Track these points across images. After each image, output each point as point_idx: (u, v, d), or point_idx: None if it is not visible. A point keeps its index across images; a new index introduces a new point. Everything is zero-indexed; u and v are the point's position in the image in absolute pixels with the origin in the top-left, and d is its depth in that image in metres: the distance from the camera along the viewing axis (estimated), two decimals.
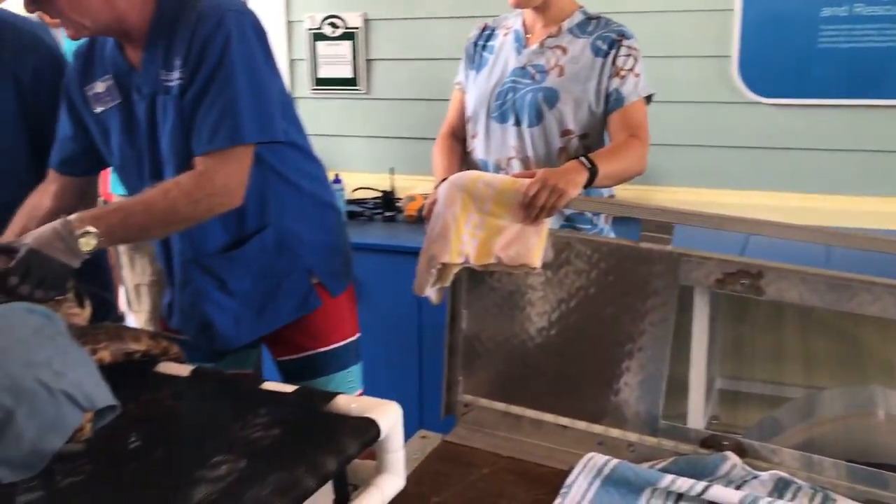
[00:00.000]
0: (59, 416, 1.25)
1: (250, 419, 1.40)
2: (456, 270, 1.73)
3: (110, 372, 1.43)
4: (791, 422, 1.72)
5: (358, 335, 2.01)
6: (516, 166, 2.13)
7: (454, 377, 1.83)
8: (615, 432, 1.68)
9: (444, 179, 1.83)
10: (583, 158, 1.84)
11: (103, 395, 1.33)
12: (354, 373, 1.99)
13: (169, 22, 1.67)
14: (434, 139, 2.28)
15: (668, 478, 1.42)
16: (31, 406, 1.24)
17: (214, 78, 1.60)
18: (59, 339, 1.38)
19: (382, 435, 1.36)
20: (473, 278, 1.79)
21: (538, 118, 2.09)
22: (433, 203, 1.83)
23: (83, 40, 1.80)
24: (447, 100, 2.31)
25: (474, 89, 2.20)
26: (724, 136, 2.95)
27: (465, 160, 2.27)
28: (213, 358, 1.91)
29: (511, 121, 2.12)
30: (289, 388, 1.51)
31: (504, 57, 2.16)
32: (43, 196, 1.85)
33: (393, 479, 1.40)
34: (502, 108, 2.13)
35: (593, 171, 1.82)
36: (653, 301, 1.64)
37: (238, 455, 1.26)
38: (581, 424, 1.71)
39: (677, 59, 2.91)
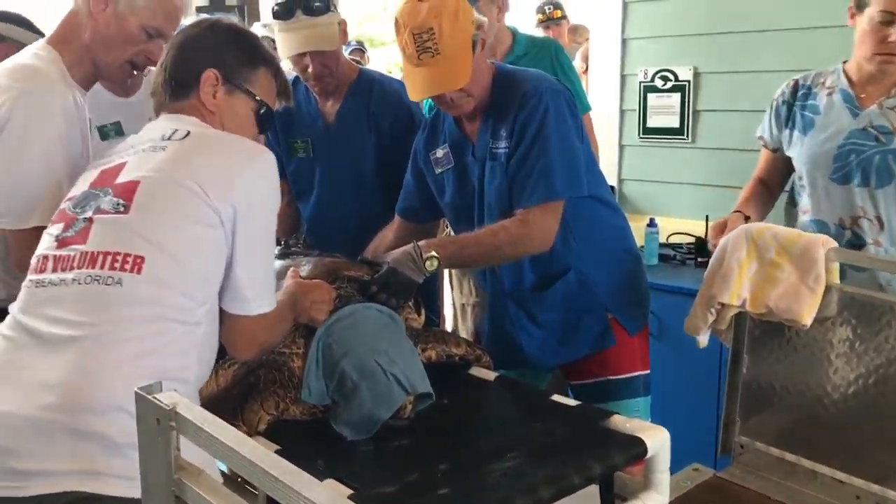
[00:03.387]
0: (389, 394, 1.60)
1: (538, 424, 1.65)
2: (733, 313, 1.84)
3: (433, 368, 1.77)
4: None
5: (647, 371, 2.18)
6: (867, 226, 2.15)
7: (732, 417, 1.92)
8: (893, 494, 1.67)
9: (737, 211, 1.96)
10: None
11: (423, 384, 1.66)
12: (642, 405, 2.15)
13: (498, 100, 2.01)
14: None
15: None
16: (371, 382, 1.60)
17: (534, 145, 1.93)
18: (397, 334, 1.75)
19: (649, 454, 1.53)
20: (762, 324, 1.87)
21: (889, 178, 2.10)
22: (720, 229, 1.96)
23: (428, 116, 2.21)
24: None
25: (802, 150, 2.23)
26: None
27: (768, 203, 2.33)
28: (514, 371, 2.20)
29: (856, 181, 2.14)
30: (573, 402, 1.75)
31: (836, 117, 2.18)
32: (388, 231, 2.30)
33: (656, 497, 1.56)
34: (844, 169, 2.15)
35: None
36: None
37: (521, 454, 1.50)
38: (859, 482, 1.72)
39: None
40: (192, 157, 1.43)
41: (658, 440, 1.54)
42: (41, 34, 2.23)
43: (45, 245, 1.45)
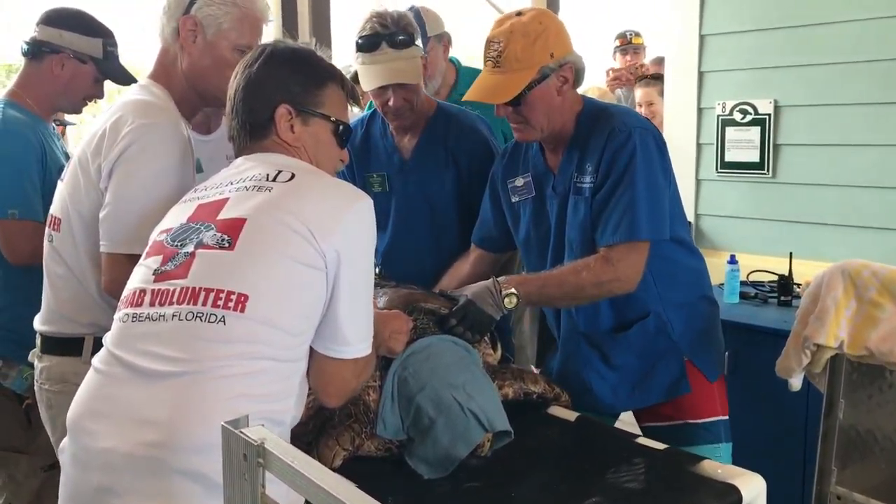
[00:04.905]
0: (467, 430, 1.55)
1: (623, 467, 1.57)
2: (829, 356, 1.74)
3: (510, 406, 1.71)
4: None
5: (727, 417, 2.08)
6: None
7: (827, 466, 1.82)
8: None
9: None
10: None
11: (502, 421, 1.61)
12: (723, 451, 2.04)
13: (585, 134, 1.97)
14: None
15: None
16: (448, 418, 1.55)
17: (620, 183, 1.88)
18: (473, 368, 1.70)
19: (744, 503, 1.44)
20: (860, 367, 1.77)
21: None
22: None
23: (509, 143, 2.18)
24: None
25: None
26: None
27: None
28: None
29: None
30: (660, 445, 1.67)
31: None
32: (464, 263, 2.26)
33: None
34: None
35: None
36: None
37: (607, 499, 1.43)
38: None
39: None
40: (298, 200, 1.41)
41: (754, 488, 1.46)
42: (101, 32, 2.31)
43: (141, 278, 1.42)
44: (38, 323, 1.89)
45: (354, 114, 2.83)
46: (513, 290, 1.84)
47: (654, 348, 2.00)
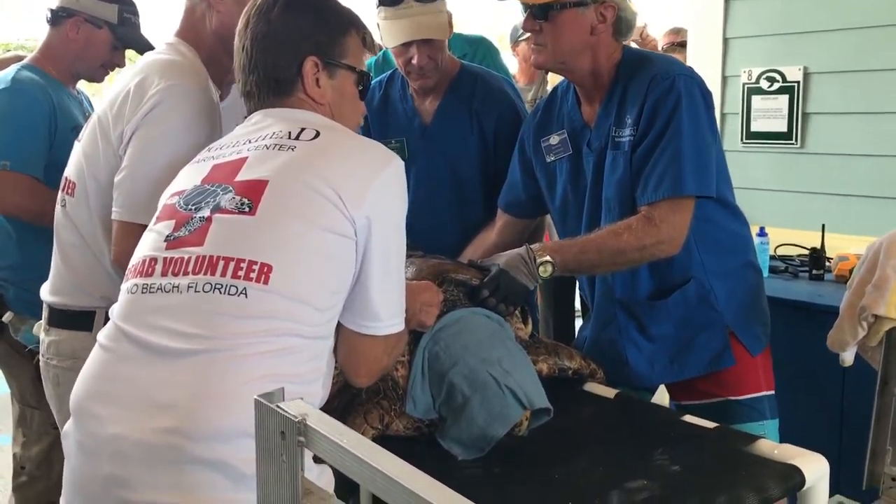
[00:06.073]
0: (504, 408, 1.44)
1: (671, 448, 1.46)
2: (888, 327, 1.62)
3: (544, 383, 1.59)
4: None
5: (773, 392, 1.96)
6: None
7: (881, 446, 1.69)
8: None
9: None
10: None
11: (541, 399, 1.49)
12: (769, 429, 1.92)
13: (624, 84, 1.83)
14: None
15: None
16: (484, 396, 1.44)
17: (664, 135, 1.74)
18: (508, 343, 1.59)
19: (807, 485, 1.34)
20: None
21: None
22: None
23: (541, 99, 2.06)
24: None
25: None
26: None
27: None
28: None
29: None
30: (710, 423, 1.55)
31: None
32: (490, 231, 2.13)
33: None
34: None
35: None
36: None
37: (657, 482, 1.32)
38: None
39: None
40: (325, 161, 1.28)
41: (817, 470, 1.35)
42: None
43: (151, 245, 1.29)
44: (47, 293, 1.81)
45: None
46: (548, 257, 1.71)
47: (694, 318, 1.87)
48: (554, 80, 3.35)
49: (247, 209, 1.24)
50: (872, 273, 1.65)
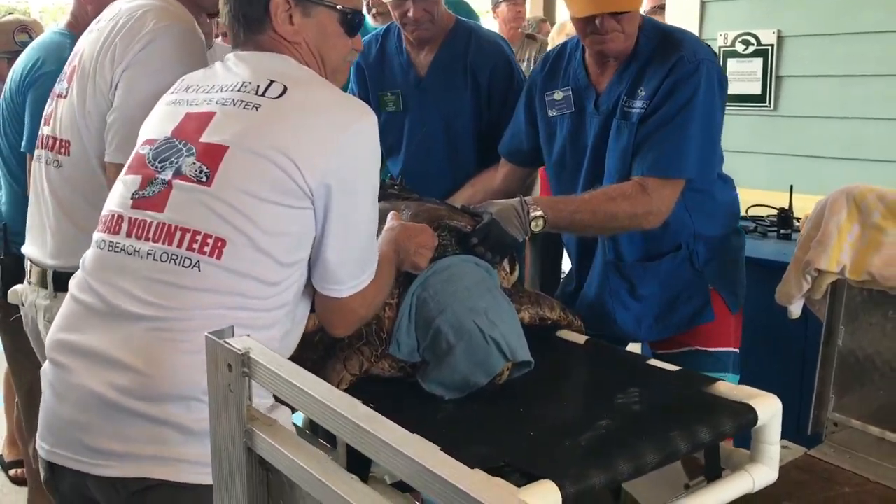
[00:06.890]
0: (487, 359, 1.49)
1: (635, 389, 1.53)
2: (830, 281, 1.71)
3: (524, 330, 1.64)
4: None
5: (738, 350, 2.06)
6: None
7: (825, 394, 1.80)
8: None
9: None
10: None
11: (523, 352, 1.54)
12: (729, 381, 2.01)
13: (646, 57, 1.88)
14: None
15: None
16: (468, 345, 1.50)
17: (676, 116, 1.80)
18: (495, 292, 1.63)
19: (759, 423, 1.41)
20: (861, 293, 1.74)
21: None
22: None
23: (552, 49, 2.11)
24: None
25: None
26: None
27: None
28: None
29: None
30: (672, 367, 1.63)
31: None
32: (495, 175, 2.18)
33: (765, 471, 1.44)
34: None
35: None
36: None
37: (617, 420, 1.40)
38: None
39: None
40: (285, 124, 1.29)
41: (769, 409, 1.43)
42: None
43: (119, 199, 1.35)
44: (50, 257, 1.78)
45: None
46: (541, 212, 1.75)
47: (681, 279, 1.97)
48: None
49: (204, 178, 1.27)
50: (818, 230, 1.73)
